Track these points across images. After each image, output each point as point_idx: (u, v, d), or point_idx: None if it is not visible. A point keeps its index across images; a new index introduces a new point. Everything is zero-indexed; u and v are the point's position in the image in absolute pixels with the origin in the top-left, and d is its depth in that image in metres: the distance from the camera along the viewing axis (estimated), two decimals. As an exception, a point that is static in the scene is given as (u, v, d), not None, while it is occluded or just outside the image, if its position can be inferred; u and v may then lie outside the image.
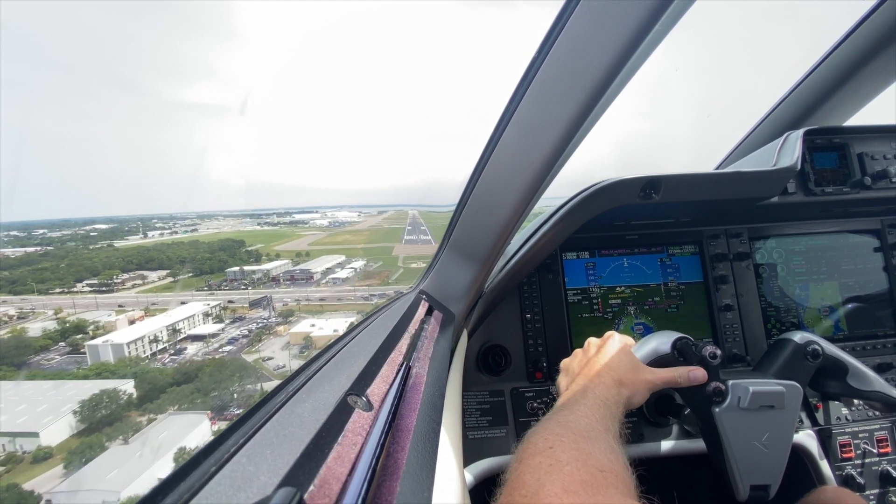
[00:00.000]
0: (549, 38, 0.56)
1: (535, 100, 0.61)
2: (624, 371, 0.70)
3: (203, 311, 27.56)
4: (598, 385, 0.66)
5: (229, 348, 24.29)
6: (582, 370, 0.73)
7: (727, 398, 0.74)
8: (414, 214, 76.95)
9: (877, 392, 0.83)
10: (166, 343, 23.59)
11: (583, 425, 0.55)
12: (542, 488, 0.43)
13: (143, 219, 66.82)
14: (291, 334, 24.62)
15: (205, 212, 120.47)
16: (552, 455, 0.48)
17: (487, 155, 0.74)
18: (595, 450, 0.49)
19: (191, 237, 57.77)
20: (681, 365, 0.76)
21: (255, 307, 30.13)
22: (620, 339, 0.78)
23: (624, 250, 1.22)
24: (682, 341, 0.77)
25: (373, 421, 0.41)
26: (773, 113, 1.37)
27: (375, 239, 60.48)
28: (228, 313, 30.18)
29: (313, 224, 70.55)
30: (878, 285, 1.23)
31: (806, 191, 1.10)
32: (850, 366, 0.84)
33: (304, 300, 34.06)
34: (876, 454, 1.04)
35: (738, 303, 1.18)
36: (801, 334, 0.85)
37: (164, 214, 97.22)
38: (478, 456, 0.99)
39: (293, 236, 62.33)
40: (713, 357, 0.75)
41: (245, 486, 0.27)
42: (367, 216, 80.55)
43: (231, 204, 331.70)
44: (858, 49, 1.10)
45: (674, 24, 0.55)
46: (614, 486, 0.44)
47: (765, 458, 0.73)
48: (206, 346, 24.35)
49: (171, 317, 25.37)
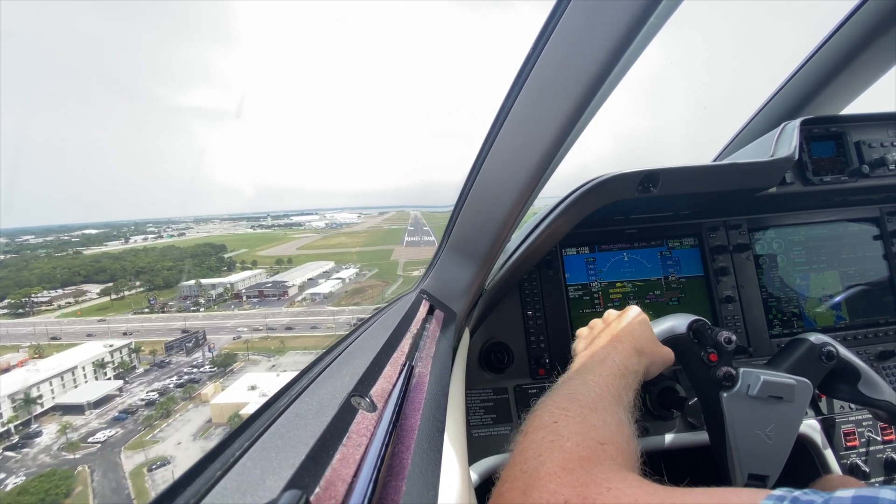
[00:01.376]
0: (543, 34, 0.56)
1: (532, 96, 0.61)
2: (644, 341, 0.71)
3: (95, 360, 16.35)
4: (618, 352, 0.66)
5: (108, 434, 13.33)
6: (601, 333, 0.73)
7: (737, 384, 0.74)
8: (416, 215, 74.47)
9: (887, 402, 0.82)
10: (13, 422, 12.83)
11: (592, 395, 0.55)
12: (542, 466, 0.43)
13: (137, 223, 64.48)
14: (215, 406, 14.74)
15: (202, 215, 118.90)
16: (555, 430, 0.48)
17: (485, 152, 0.74)
18: (599, 422, 0.50)
19: (166, 242, 53.01)
20: (695, 346, 0.77)
21: (175, 350, 18.48)
22: (640, 312, 0.78)
23: (624, 245, 1.22)
24: (698, 323, 0.78)
25: (377, 421, 0.41)
26: (770, 103, 1.36)
27: (373, 241, 56.18)
28: (146, 354, 19.31)
29: (309, 226, 67.89)
30: (878, 273, 1.23)
31: (804, 180, 1.10)
32: (863, 372, 0.84)
33: (265, 330, 24.10)
34: (880, 442, 1.04)
35: (738, 294, 1.18)
36: (817, 336, 0.85)
37: (160, 218, 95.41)
38: (482, 454, 0.99)
39: (284, 239, 58.66)
40: (728, 342, 0.75)
41: (251, 489, 0.27)
42: (368, 217, 79.15)
43: (233, 207, 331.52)
44: (854, 37, 1.10)
45: (668, 17, 0.55)
46: (612, 458, 0.45)
47: (767, 449, 0.72)
48: (73, 433, 13.14)
49: (55, 365, 15.76)
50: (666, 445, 1.01)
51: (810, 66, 1.22)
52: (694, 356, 0.77)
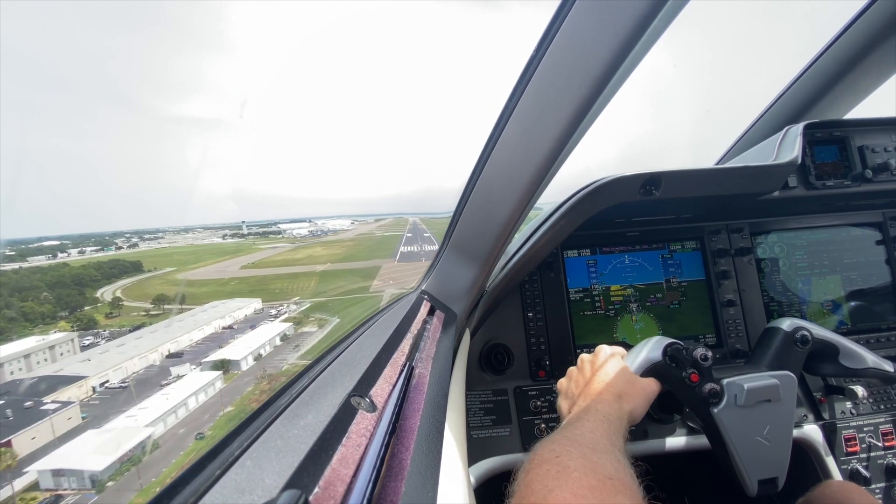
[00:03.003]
0: (547, 34, 0.56)
1: (535, 97, 0.61)
2: (622, 384, 0.71)
3: None
4: (600, 402, 0.67)
5: None
6: (582, 391, 0.73)
7: (724, 398, 0.75)
8: (415, 221, 64.53)
9: (870, 368, 0.83)
10: None
11: (589, 439, 0.56)
12: (551, 494, 0.43)
13: (101, 235, 57.98)
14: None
15: (180, 226, 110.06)
16: (560, 463, 0.48)
17: (487, 154, 0.74)
18: (602, 460, 0.49)
19: (80, 260, 40.28)
20: (673, 370, 0.76)
21: None
22: (612, 352, 0.78)
23: (625, 247, 1.21)
24: (672, 347, 0.78)
25: (377, 422, 0.41)
26: (773, 107, 1.36)
27: (356, 254, 39.11)
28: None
29: (289, 234, 60.40)
30: (880, 278, 1.22)
31: (807, 185, 1.10)
32: (841, 346, 0.85)
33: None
34: (881, 448, 1.04)
35: (740, 298, 1.18)
36: (790, 321, 0.86)
37: (148, 228, 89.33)
38: (482, 455, 0.99)
39: (246, 251, 45.81)
40: (704, 359, 0.76)
41: (250, 488, 0.27)
42: (362, 223, 74.34)
43: (228, 217, 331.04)
44: (857, 42, 1.10)
45: (672, 19, 0.55)
46: (622, 493, 0.44)
47: (769, 451, 0.73)
48: None
49: None
50: (666, 449, 1.00)
51: (814, 71, 1.22)
52: (676, 380, 0.77)
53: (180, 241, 63.60)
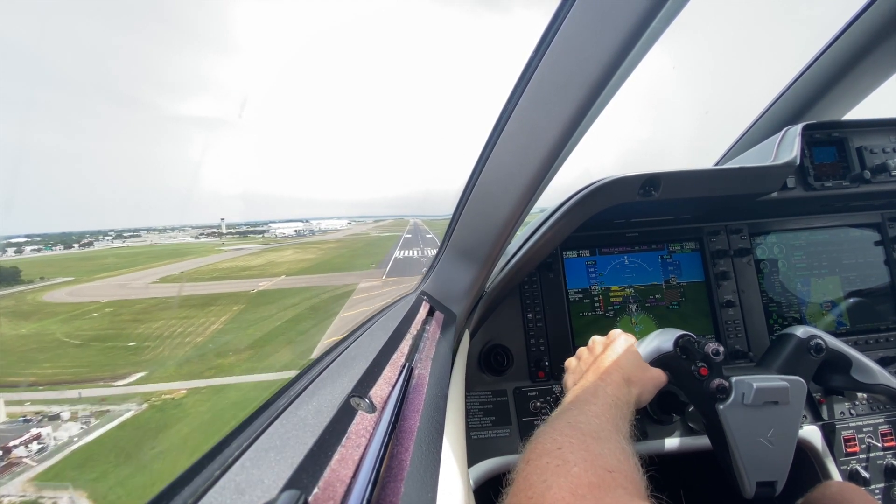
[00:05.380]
0: (546, 35, 0.56)
1: (534, 99, 0.61)
2: (632, 369, 0.70)
3: None
4: (609, 384, 0.66)
5: None
6: (590, 368, 0.73)
7: (731, 395, 0.74)
8: (415, 222, 61.33)
9: (881, 385, 0.83)
10: None
11: (593, 426, 0.54)
12: (549, 490, 0.42)
13: (80, 234, 54.15)
14: None
15: (158, 225, 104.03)
16: (560, 456, 0.47)
17: (487, 155, 0.74)
18: (605, 450, 0.48)
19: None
20: (683, 362, 0.76)
21: None
22: (625, 338, 0.78)
23: (624, 248, 1.22)
24: (684, 338, 0.77)
25: (376, 423, 0.41)
26: (772, 108, 1.37)
27: (332, 260, 28.10)
28: None
29: (270, 234, 54.59)
30: (879, 279, 1.23)
31: (805, 185, 1.10)
32: (854, 359, 0.85)
33: None
34: (880, 448, 1.04)
35: (739, 299, 1.18)
36: (804, 329, 0.85)
37: (141, 227, 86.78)
38: (482, 456, 0.99)
39: (202, 253, 35.24)
40: (716, 354, 0.75)
41: (249, 489, 0.27)
42: (358, 224, 71.29)
43: (236, 216, 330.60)
44: (856, 43, 1.10)
45: (670, 21, 0.55)
46: (622, 486, 0.43)
47: (770, 454, 0.72)
48: None
49: None
50: (665, 450, 1.00)
51: (812, 72, 1.22)
52: (685, 372, 0.76)
53: (164, 239, 59.56)
